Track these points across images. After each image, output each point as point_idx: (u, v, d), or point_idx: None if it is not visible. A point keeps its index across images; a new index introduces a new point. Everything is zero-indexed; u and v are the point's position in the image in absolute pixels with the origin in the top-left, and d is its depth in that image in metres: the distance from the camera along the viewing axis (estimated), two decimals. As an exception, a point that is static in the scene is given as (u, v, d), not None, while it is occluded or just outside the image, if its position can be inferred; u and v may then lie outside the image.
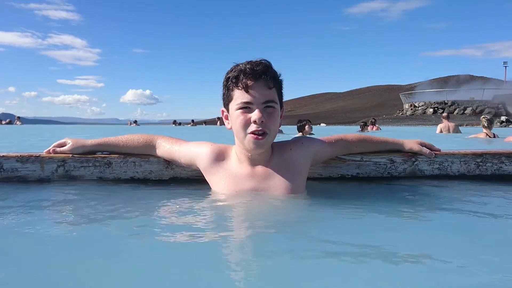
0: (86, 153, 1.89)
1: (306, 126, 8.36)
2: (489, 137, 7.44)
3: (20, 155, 1.87)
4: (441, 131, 10.33)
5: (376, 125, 14.64)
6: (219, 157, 1.71)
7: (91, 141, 1.90)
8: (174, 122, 29.50)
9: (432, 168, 2.02)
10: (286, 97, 1.67)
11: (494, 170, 2.06)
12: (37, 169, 1.87)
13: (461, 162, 2.04)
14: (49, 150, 1.88)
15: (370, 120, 14.91)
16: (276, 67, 1.60)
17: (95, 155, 1.89)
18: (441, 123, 10.74)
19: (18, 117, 21.88)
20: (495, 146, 5.66)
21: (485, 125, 7.54)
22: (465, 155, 2.05)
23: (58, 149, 1.87)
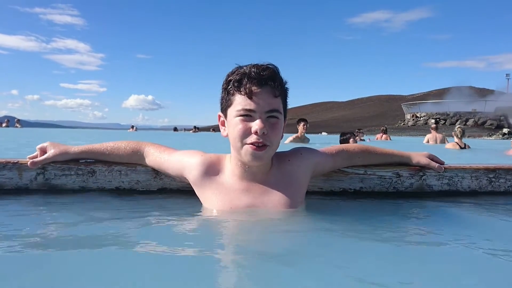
0: (69, 161, 1.75)
1: (351, 140, 7.28)
2: (460, 147, 7.68)
3: (-3, 162, 1.73)
4: (428, 141, 10.44)
5: (387, 134, 14.25)
6: (211, 169, 1.56)
7: (74, 148, 1.75)
8: (175, 129, 29.59)
9: (441, 183, 1.88)
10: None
11: (508, 186, 1.92)
12: (14, 177, 1.73)
13: (472, 178, 1.90)
14: (32, 156, 1.73)
15: (381, 128, 14.67)
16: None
17: (78, 163, 1.75)
18: (429, 133, 10.88)
19: (18, 120, 21.93)
20: (468, 157, 5.52)
21: (459, 135, 7.78)
22: (476, 170, 1.91)
23: (37, 160, 1.69)
